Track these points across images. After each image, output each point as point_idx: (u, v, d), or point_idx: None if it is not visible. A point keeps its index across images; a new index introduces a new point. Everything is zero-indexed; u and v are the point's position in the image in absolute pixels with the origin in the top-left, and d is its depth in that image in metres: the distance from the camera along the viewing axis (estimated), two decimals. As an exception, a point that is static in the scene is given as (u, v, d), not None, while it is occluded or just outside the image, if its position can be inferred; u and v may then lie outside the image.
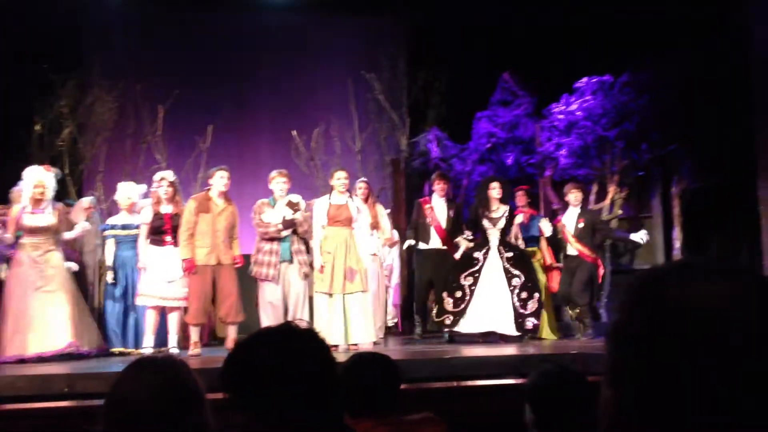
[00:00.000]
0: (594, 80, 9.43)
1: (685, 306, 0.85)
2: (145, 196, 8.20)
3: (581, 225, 8.35)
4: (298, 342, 1.68)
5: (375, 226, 8.27)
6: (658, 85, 9.08)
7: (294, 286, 7.51)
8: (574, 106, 9.45)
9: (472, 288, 7.95)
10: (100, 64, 10.71)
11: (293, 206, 7.55)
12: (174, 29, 11.90)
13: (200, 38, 11.84)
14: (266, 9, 11.87)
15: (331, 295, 7.42)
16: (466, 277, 8.00)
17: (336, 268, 7.43)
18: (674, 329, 0.84)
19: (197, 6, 11.74)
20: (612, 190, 9.42)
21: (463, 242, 8.36)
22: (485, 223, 8.13)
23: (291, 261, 7.53)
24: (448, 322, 7.94)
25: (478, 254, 8.09)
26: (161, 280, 7.28)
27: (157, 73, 11.54)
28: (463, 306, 7.91)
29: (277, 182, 7.62)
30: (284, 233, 7.51)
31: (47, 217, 7.33)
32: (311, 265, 7.62)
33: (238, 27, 12.04)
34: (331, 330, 7.10)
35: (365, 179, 8.85)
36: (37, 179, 7.44)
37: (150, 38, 11.82)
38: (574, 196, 8.46)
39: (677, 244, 9.11)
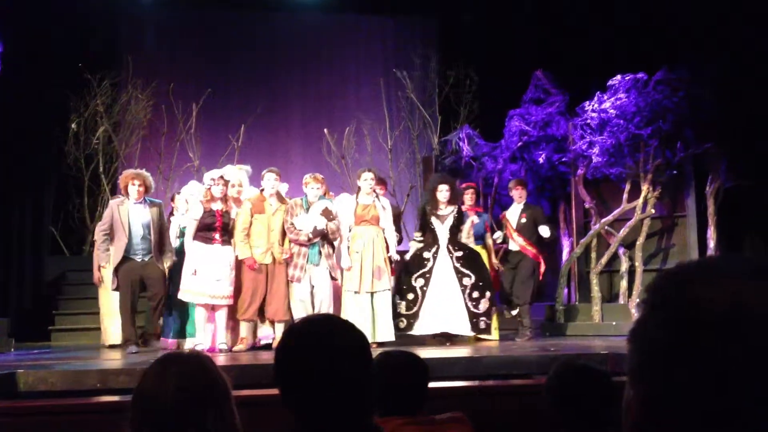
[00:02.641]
0: (628, 78, 9.30)
1: (708, 305, 0.84)
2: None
3: (524, 220, 8.51)
4: (342, 337, 1.65)
5: None
6: (693, 83, 8.94)
7: (320, 288, 7.52)
8: (607, 104, 9.34)
9: (424, 289, 7.84)
10: (135, 64, 10.85)
11: (328, 214, 7.49)
12: (207, 29, 12.01)
13: (233, 38, 11.94)
14: (298, 9, 11.92)
15: (357, 293, 7.47)
16: (417, 278, 7.88)
17: (364, 266, 7.48)
18: (697, 329, 0.83)
19: (230, 6, 11.83)
20: (645, 189, 9.31)
21: (414, 244, 8.28)
22: (433, 220, 8.02)
23: (318, 264, 7.56)
24: (402, 325, 7.79)
25: (427, 254, 7.97)
26: (209, 278, 7.27)
27: (191, 72, 11.67)
28: (416, 308, 7.80)
29: (312, 188, 7.62)
30: (314, 240, 7.53)
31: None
32: (338, 266, 7.63)
33: (270, 26, 12.12)
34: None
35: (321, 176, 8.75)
36: (235, 179, 7.77)
37: (183, 38, 11.95)
38: (518, 192, 8.73)
39: (711, 243, 8.97)
